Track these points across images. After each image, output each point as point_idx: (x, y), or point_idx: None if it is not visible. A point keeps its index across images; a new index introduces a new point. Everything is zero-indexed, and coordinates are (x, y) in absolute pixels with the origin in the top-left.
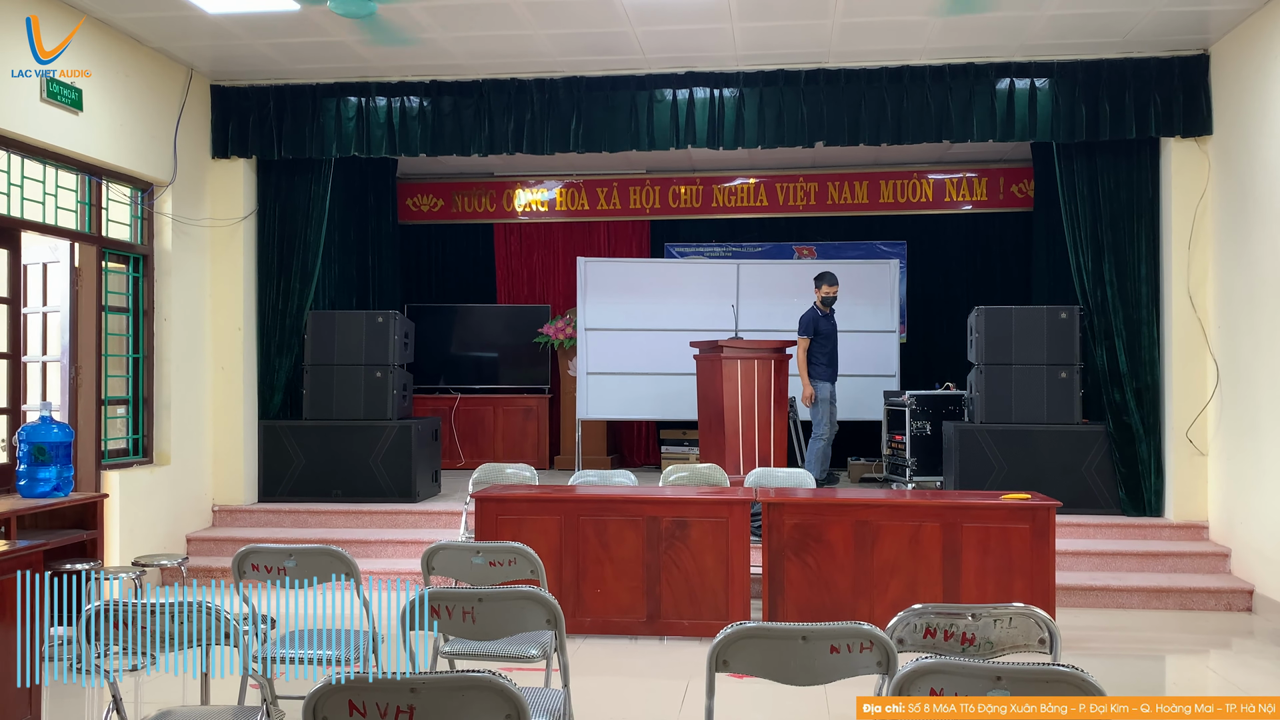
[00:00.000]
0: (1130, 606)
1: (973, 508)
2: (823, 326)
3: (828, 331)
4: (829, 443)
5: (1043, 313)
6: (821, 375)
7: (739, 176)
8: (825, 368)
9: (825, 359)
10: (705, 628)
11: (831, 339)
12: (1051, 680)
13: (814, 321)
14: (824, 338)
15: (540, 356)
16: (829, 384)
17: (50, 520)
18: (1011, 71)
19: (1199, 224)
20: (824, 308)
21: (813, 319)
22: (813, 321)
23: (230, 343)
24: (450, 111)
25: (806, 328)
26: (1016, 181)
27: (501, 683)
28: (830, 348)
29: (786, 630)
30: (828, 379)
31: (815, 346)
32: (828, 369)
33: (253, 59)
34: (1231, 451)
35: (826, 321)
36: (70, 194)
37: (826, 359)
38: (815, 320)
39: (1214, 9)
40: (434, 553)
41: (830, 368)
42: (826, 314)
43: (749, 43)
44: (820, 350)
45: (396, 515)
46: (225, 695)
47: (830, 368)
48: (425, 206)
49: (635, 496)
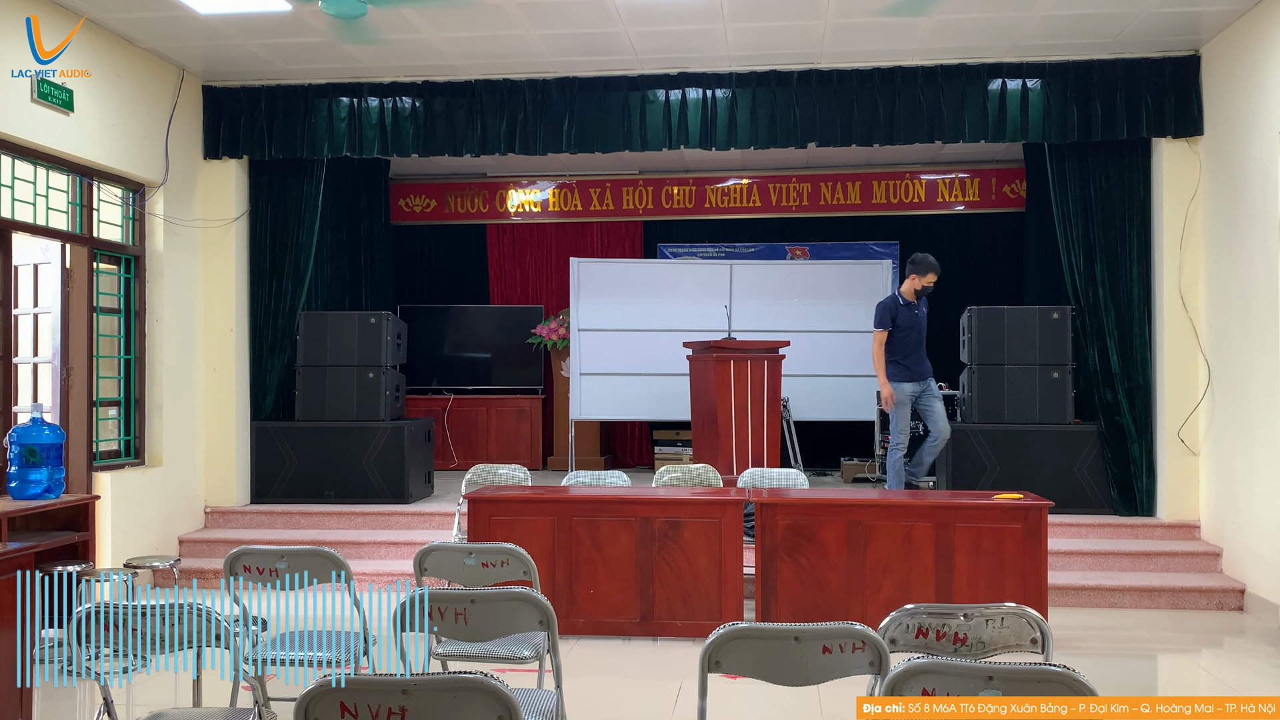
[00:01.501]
0: (1122, 606)
1: (965, 508)
2: (902, 318)
3: (907, 324)
4: (904, 452)
5: (1035, 313)
6: (897, 374)
7: (732, 177)
8: (900, 365)
9: (901, 355)
10: (698, 628)
11: (912, 332)
12: (1043, 680)
13: (890, 310)
14: (902, 330)
15: (533, 357)
16: (907, 384)
17: (42, 522)
18: (1003, 72)
19: (1190, 224)
20: (911, 297)
21: (889, 308)
22: (888, 310)
23: (222, 344)
24: (443, 112)
25: (881, 318)
26: (1009, 182)
27: (494, 684)
28: (909, 342)
29: (779, 631)
30: (904, 378)
31: (892, 340)
32: (904, 367)
33: (244, 59)
34: (1223, 451)
35: (908, 312)
36: (61, 195)
37: (903, 355)
38: (892, 309)
39: (1205, 10)
40: (426, 554)
41: (908, 365)
42: (910, 304)
43: (741, 43)
44: (897, 345)
45: (389, 516)
46: (217, 697)
47: (908, 365)
48: (418, 207)
49: (628, 497)
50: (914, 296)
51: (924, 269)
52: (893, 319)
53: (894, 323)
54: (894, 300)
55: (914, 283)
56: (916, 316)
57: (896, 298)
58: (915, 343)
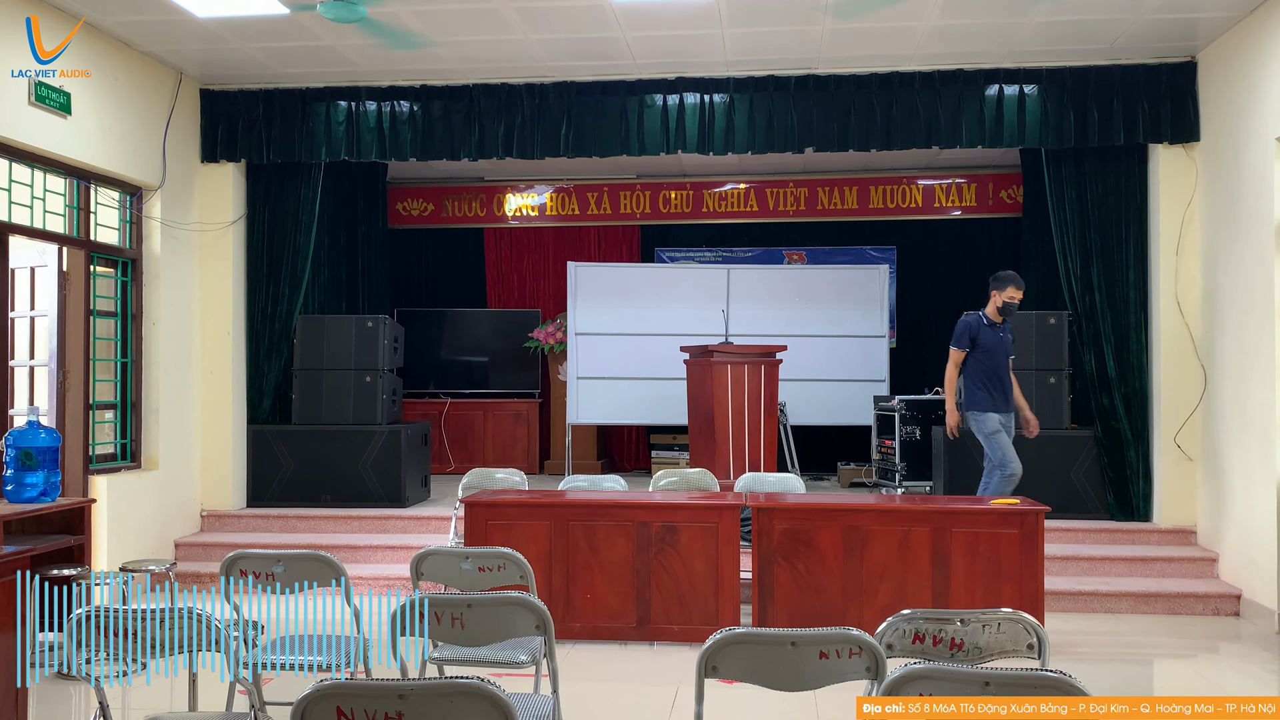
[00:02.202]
0: (1118, 611)
1: (962, 513)
2: (985, 338)
3: (991, 345)
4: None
5: (1032, 318)
6: (983, 402)
7: (729, 181)
8: (985, 393)
9: (983, 379)
10: (695, 633)
11: (996, 355)
12: (1039, 685)
13: (972, 330)
14: (984, 352)
15: (530, 361)
16: (995, 414)
17: (37, 526)
18: (1000, 78)
19: (1186, 230)
20: (996, 316)
21: (970, 326)
22: (968, 329)
23: (219, 347)
24: (440, 116)
25: (959, 336)
26: (1005, 187)
27: (490, 689)
28: (991, 366)
29: (776, 636)
30: (989, 407)
31: (971, 362)
32: (988, 395)
33: (242, 63)
34: (1220, 456)
35: (991, 334)
36: (58, 198)
37: (985, 379)
38: (974, 328)
39: (1201, 16)
40: (423, 558)
41: (991, 393)
42: (995, 324)
43: (739, 48)
44: (978, 368)
45: (386, 520)
46: (213, 701)
47: (991, 393)
48: (415, 211)
49: (625, 501)
50: (999, 317)
51: (1003, 283)
52: (972, 339)
53: (974, 343)
54: (977, 319)
55: (995, 300)
56: (1001, 340)
57: (980, 316)
58: (999, 368)
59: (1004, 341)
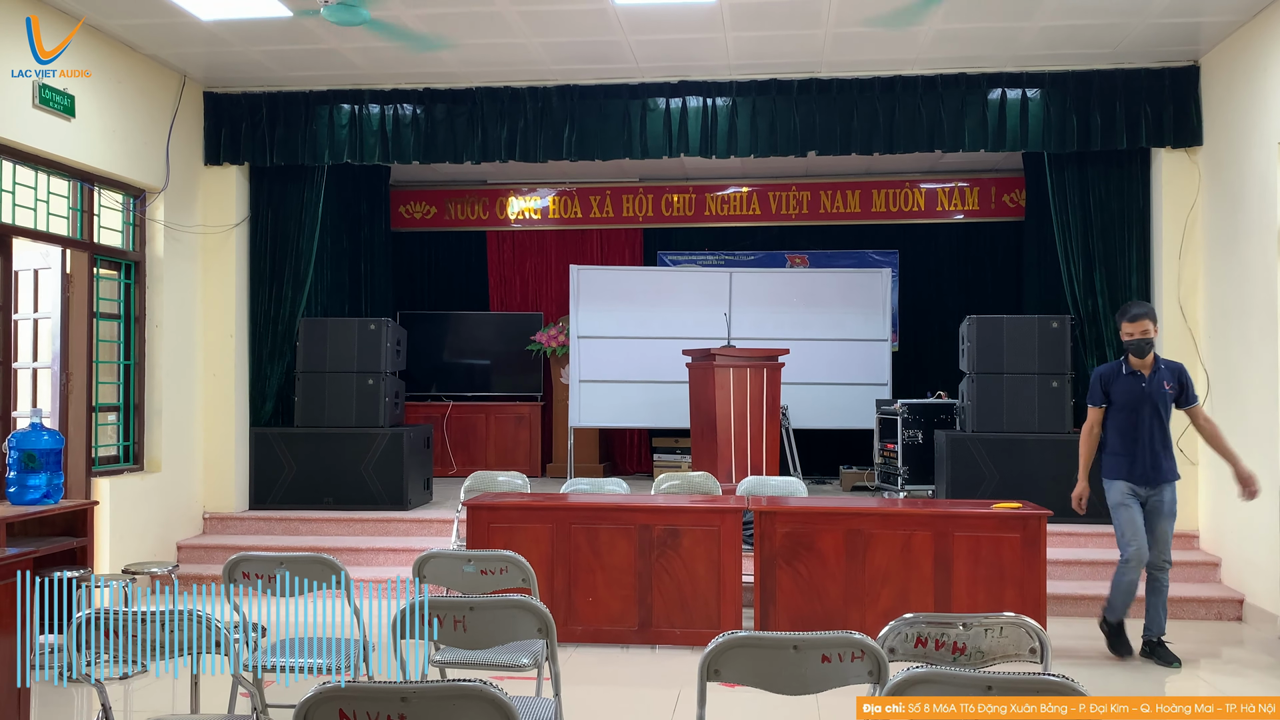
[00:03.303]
0: None
1: (964, 517)
2: (1119, 390)
3: (1126, 400)
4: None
5: (1034, 322)
6: (1112, 468)
7: (732, 185)
8: (1115, 457)
9: (1116, 439)
10: (697, 636)
11: (1133, 413)
12: (1042, 689)
13: (1104, 380)
14: (1117, 408)
15: (533, 364)
16: (1123, 481)
17: (40, 527)
18: (1003, 82)
19: (1189, 234)
20: (1139, 364)
21: (1103, 376)
22: (1100, 380)
23: (222, 349)
24: (443, 119)
25: (1091, 390)
26: (1008, 191)
27: (492, 692)
28: (1125, 423)
29: (778, 639)
30: (1117, 474)
31: (1107, 419)
32: (1118, 459)
33: (246, 66)
34: (1222, 461)
35: (1129, 384)
36: (62, 200)
37: (1119, 439)
38: (1106, 378)
39: (1204, 21)
40: (425, 561)
41: (1121, 457)
42: (1135, 373)
43: (742, 52)
44: (1111, 425)
45: (388, 523)
46: (215, 703)
47: (1121, 457)
48: (418, 214)
49: (627, 505)
50: (1140, 361)
51: (1126, 315)
52: (1105, 390)
53: (1108, 397)
54: (1113, 368)
55: (1127, 331)
56: (1143, 390)
57: (1118, 364)
58: (1136, 427)
59: (1147, 393)
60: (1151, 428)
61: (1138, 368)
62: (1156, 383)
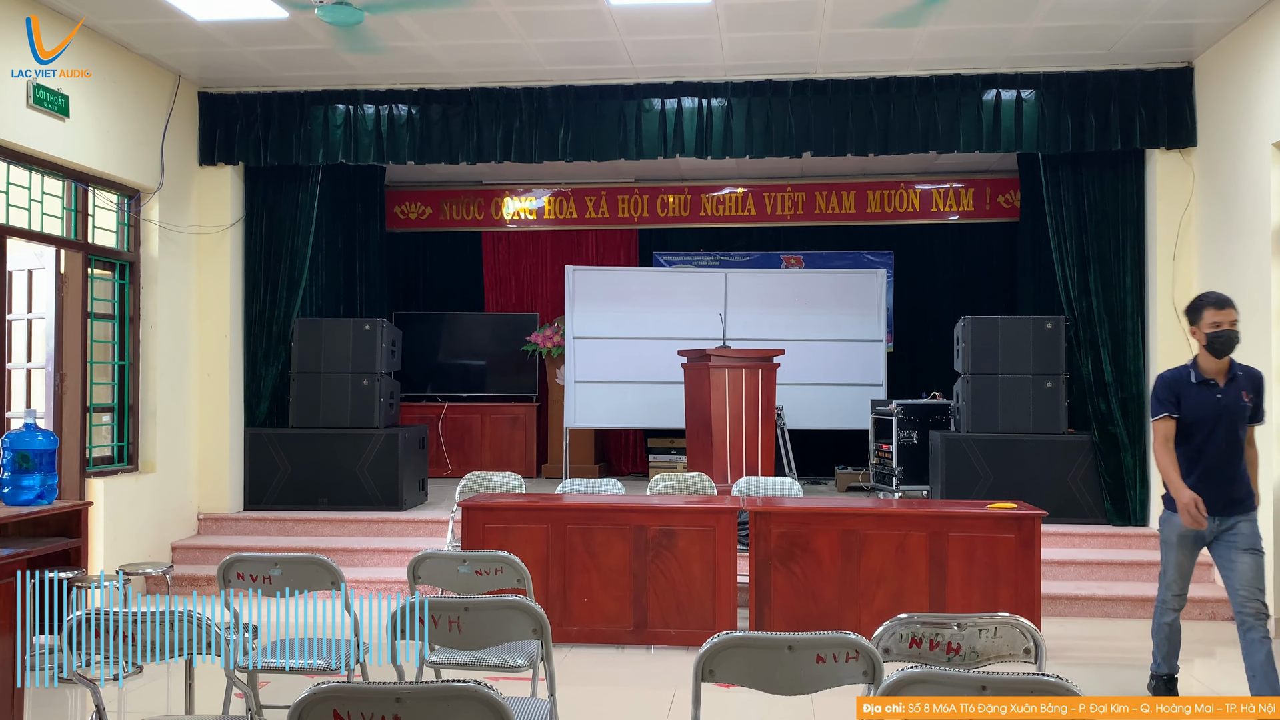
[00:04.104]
0: (1116, 616)
1: (959, 517)
2: (1189, 401)
3: (1196, 412)
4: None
5: (1029, 323)
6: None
7: (727, 186)
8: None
9: (1183, 463)
10: (692, 637)
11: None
12: (1036, 689)
13: (1171, 388)
14: (1183, 423)
15: (528, 365)
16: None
17: (34, 528)
18: (998, 83)
19: (1183, 235)
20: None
21: (1169, 384)
22: (1168, 388)
23: (216, 350)
24: (438, 120)
25: (1164, 401)
26: (1003, 192)
27: (487, 692)
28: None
29: (773, 640)
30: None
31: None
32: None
33: (241, 66)
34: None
35: (1200, 394)
36: (56, 200)
37: (1184, 462)
38: (1174, 387)
39: (1198, 22)
40: (420, 561)
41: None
42: (1206, 380)
43: (737, 53)
44: (1180, 444)
45: (383, 524)
46: (210, 704)
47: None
48: (413, 214)
49: (622, 505)
50: (1215, 366)
51: (1211, 301)
52: (1176, 399)
53: (1179, 406)
54: (1180, 374)
55: (1195, 337)
56: (1218, 403)
57: (1185, 370)
58: (1206, 447)
59: (1222, 405)
60: (1225, 449)
61: (1211, 374)
62: (1233, 394)
